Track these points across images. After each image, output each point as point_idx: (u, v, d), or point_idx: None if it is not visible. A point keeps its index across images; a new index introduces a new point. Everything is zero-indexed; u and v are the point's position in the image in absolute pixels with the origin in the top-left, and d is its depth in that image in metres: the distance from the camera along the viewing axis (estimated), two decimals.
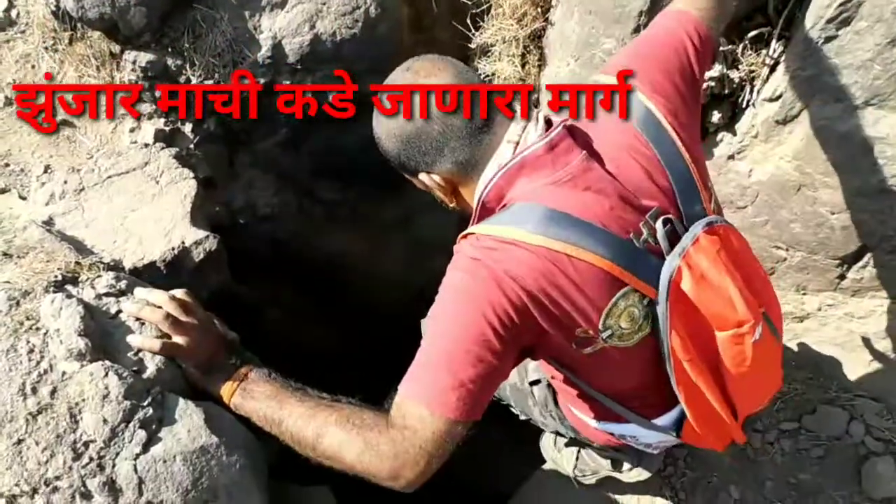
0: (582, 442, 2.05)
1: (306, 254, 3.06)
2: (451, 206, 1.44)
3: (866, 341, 2.30)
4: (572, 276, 1.19)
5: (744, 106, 2.20)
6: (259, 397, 1.33)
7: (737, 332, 1.28)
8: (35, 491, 1.17)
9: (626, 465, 2.09)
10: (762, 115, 2.12)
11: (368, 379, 3.50)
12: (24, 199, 2.34)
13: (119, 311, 1.38)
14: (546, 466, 2.36)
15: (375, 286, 3.33)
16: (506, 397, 2.10)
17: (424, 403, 1.16)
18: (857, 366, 2.32)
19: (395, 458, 1.16)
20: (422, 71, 1.28)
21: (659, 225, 1.24)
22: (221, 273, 1.83)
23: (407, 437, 1.16)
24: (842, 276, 2.22)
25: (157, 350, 1.36)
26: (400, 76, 1.31)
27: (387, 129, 1.32)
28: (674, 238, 1.26)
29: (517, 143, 1.27)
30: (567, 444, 2.20)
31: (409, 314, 3.40)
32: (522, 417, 2.16)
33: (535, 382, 1.92)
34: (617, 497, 2.22)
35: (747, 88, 2.15)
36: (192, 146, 2.52)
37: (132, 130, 2.49)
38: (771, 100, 2.08)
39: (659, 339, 1.30)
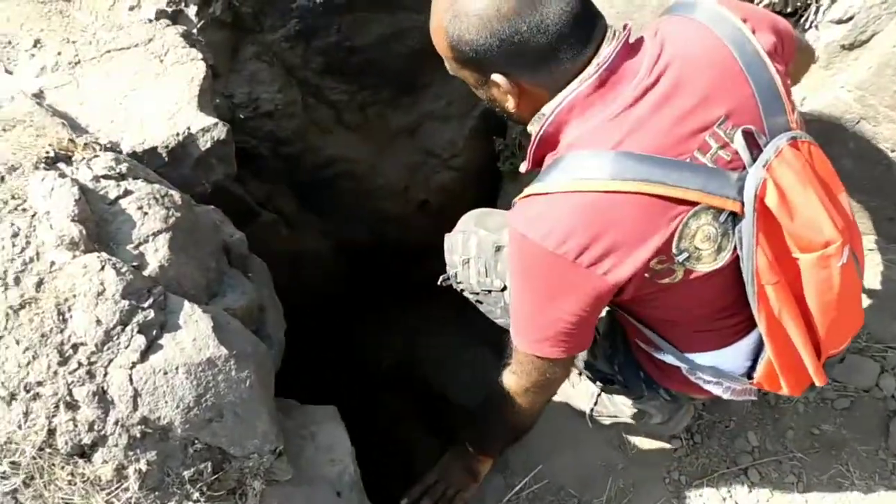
0: (616, 391, 1.93)
1: (308, 157, 2.87)
2: (509, 112, 1.30)
3: None
4: (627, 216, 1.14)
5: (806, 27, 2.03)
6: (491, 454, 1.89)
7: (823, 253, 1.20)
8: (13, 396, 1.02)
9: (654, 419, 1.98)
10: (826, 39, 1.97)
11: (360, 286, 3.41)
12: (10, 73, 2.14)
13: (118, 197, 1.19)
14: (556, 398, 2.25)
15: (376, 195, 3.17)
16: None
17: (530, 351, 1.35)
18: (892, 317, 2.20)
19: (544, 389, 1.53)
20: None
21: (738, 136, 1.16)
22: (229, 166, 1.64)
23: (535, 377, 1.45)
24: (891, 219, 2.09)
25: None
26: None
27: (478, 11, 1.14)
28: (755, 150, 1.17)
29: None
30: (591, 380, 2.08)
31: (410, 227, 3.28)
32: None
33: None
34: (629, 438, 2.12)
35: (812, 8, 1.98)
36: (195, 31, 2.30)
37: (131, 9, 2.26)
38: (839, 22, 1.92)
39: (741, 259, 1.22)
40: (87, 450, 1.04)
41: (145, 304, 1.08)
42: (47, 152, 1.23)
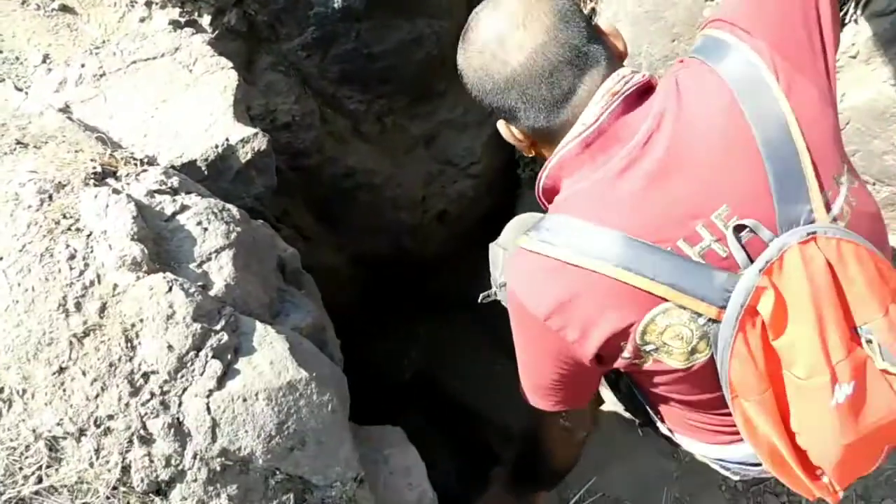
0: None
1: (325, 169, 2.79)
2: (529, 155, 1.26)
3: None
4: (588, 292, 1.05)
5: (845, 21, 1.99)
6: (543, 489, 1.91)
7: (805, 385, 1.00)
8: (82, 432, 0.93)
9: None
10: (866, 33, 1.91)
11: (377, 298, 3.32)
12: (20, 90, 2.05)
13: (175, 213, 1.11)
14: (605, 407, 2.18)
15: (393, 206, 3.09)
16: None
17: (529, 400, 1.32)
18: None
19: (568, 435, 1.49)
20: (518, 13, 1.08)
21: (729, 232, 0.99)
22: (269, 178, 1.56)
23: (550, 423, 1.46)
24: None
25: None
26: (491, 15, 1.11)
27: (470, 68, 1.15)
28: (756, 247, 1.00)
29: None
30: None
31: (427, 237, 3.20)
32: None
33: None
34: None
35: (853, 2, 1.94)
36: (208, 42, 2.23)
37: (142, 20, 2.18)
38: (881, 14, 1.87)
39: (717, 366, 1.06)
40: (164, 487, 0.95)
41: (217, 327, 0.99)
42: (94, 168, 1.15)
